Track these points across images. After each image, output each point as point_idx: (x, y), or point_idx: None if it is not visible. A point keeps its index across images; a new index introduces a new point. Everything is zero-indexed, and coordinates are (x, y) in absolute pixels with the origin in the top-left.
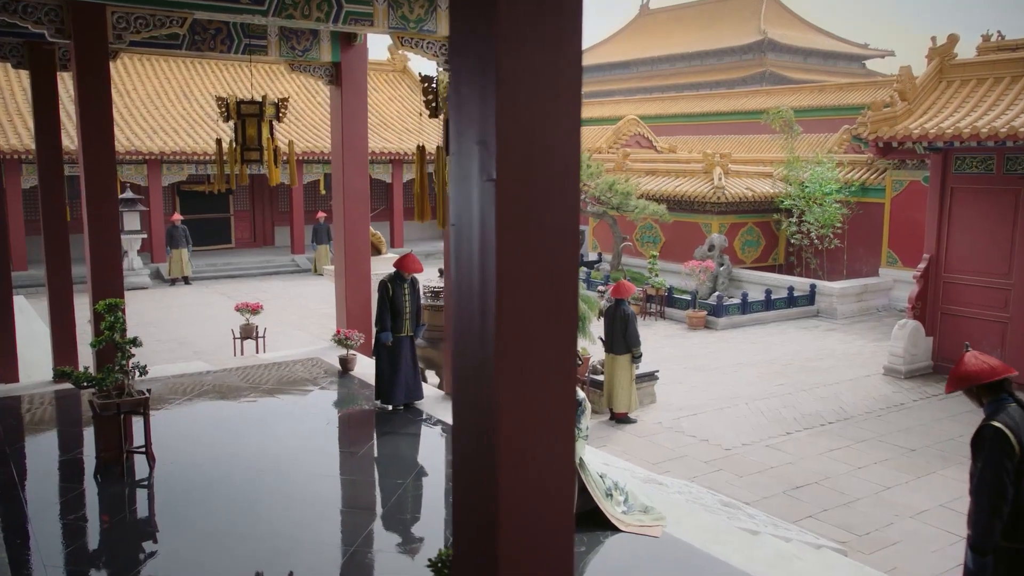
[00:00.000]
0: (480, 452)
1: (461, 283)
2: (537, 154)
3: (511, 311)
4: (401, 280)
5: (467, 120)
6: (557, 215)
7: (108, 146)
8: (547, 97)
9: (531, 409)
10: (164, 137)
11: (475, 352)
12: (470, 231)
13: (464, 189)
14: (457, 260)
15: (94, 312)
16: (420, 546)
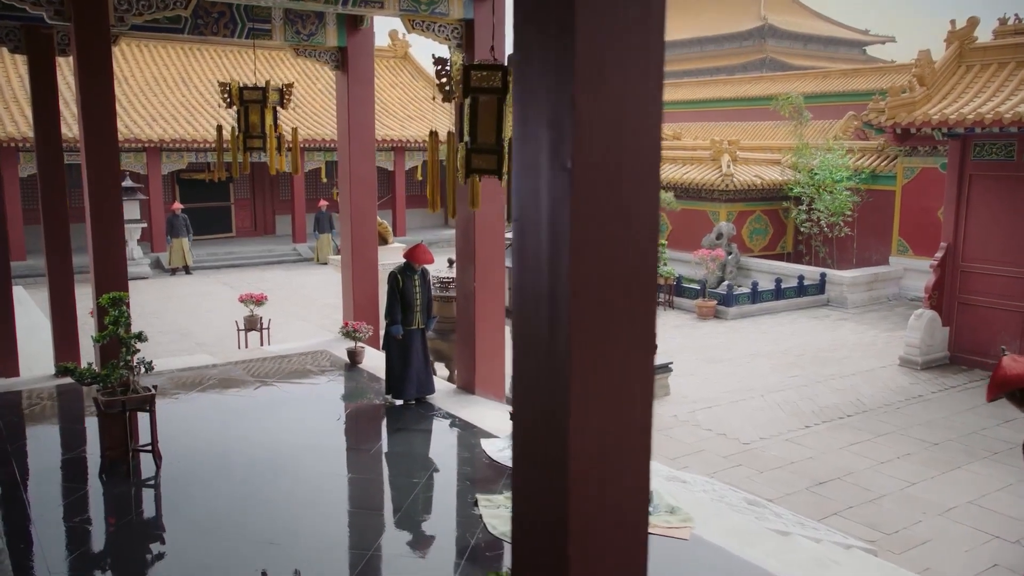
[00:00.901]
0: (547, 481)
1: (525, 284)
2: (618, 140)
3: (586, 316)
4: (411, 271)
5: (535, 101)
6: (638, 209)
7: (110, 134)
8: (630, 75)
9: (605, 427)
10: (163, 124)
11: (542, 361)
12: (536, 226)
13: (530, 179)
14: (521, 259)
15: (98, 306)
16: (440, 550)
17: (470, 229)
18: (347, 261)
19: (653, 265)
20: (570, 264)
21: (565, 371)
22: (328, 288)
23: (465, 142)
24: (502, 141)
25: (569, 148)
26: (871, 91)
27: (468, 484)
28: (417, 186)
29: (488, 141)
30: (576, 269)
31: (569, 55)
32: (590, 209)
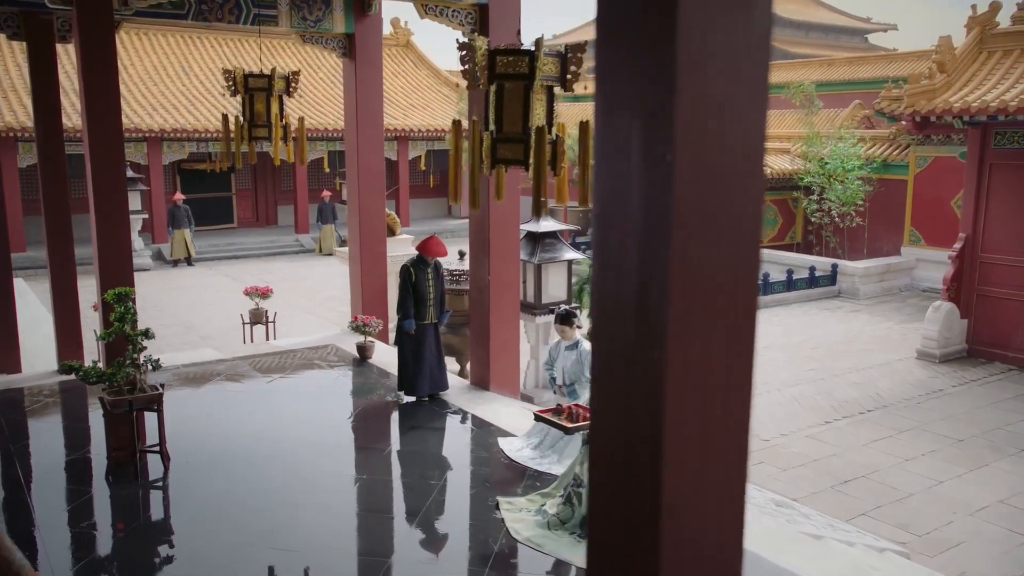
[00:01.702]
0: (635, 515)
1: (608, 284)
2: (721, 128)
3: (685, 324)
4: (424, 264)
5: (624, 84)
6: (742, 205)
7: (115, 123)
8: (736, 53)
9: (704, 453)
10: (164, 114)
11: (630, 369)
12: (624, 225)
13: (616, 173)
14: (603, 261)
15: (103, 302)
16: (462, 558)
17: (484, 220)
18: (355, 254)
19: (755, 267)
20: (668, 267)
21: (659, 388)
22: (333, 280)
23: (490, 131)
24: (528, 129)
25: (669, 137)
26: (877, 79)
27: (487, 486)
28: (420, 176)
29: (514, 130)
30: (676, 272)
31: (670, 31)
32: (692, 206)
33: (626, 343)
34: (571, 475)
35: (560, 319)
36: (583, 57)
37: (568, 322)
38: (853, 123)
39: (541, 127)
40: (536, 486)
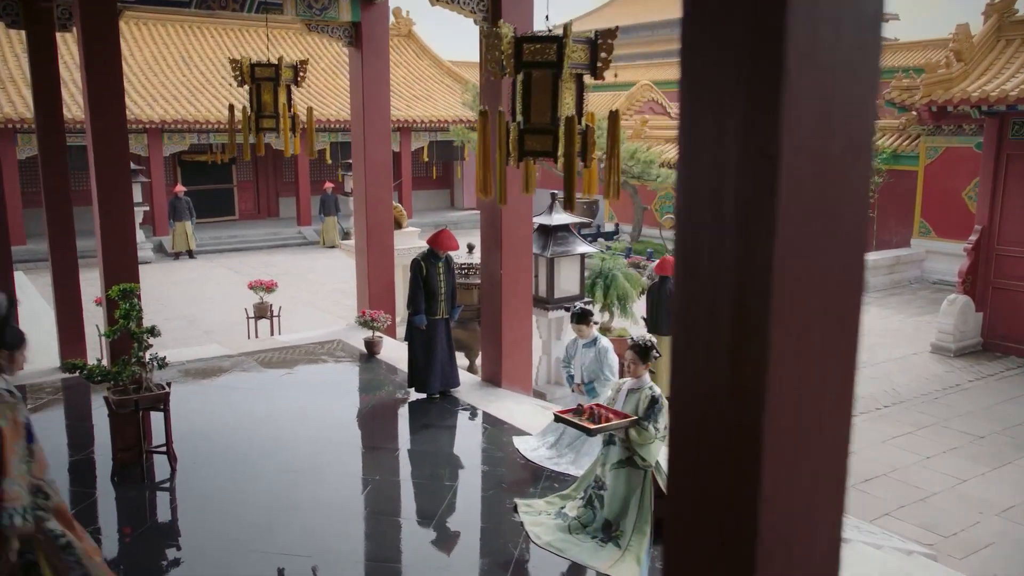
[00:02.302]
0: (724, 541)
1: (697, 288)
2: (828, 120)
3: (788, 334)
4: (435, 258)
5: (718, 71)
6: (849, 202)
7: (119, 114)
8: (845, 34)
9: (803, 478)
10: (164, 105)
11: (720, 382)
12: (718, 225)
13: (708, 169)
14: (689, 264)
15: (107, 299)
16: (481, 564)
17: (496, 213)
18: (362, 247)
19: (861, 271)
20: (770, 270)
21: (758, 405)
22: (337, 273)
23: (517, 122)
24: (557, 120)
25: (775, 131)
26: (882, 69)
27: (503, 487)
28: (423, 167)
29: (542, 120)
30: (779, 275)
31: (779, 9)
32: (797, 203)
33: (717, 354)
34: (591, 476)
35: (576, 318)
36: (614, 43)
37: (585, 321)
38: None
39: (570, 117)
40: (554, 487)
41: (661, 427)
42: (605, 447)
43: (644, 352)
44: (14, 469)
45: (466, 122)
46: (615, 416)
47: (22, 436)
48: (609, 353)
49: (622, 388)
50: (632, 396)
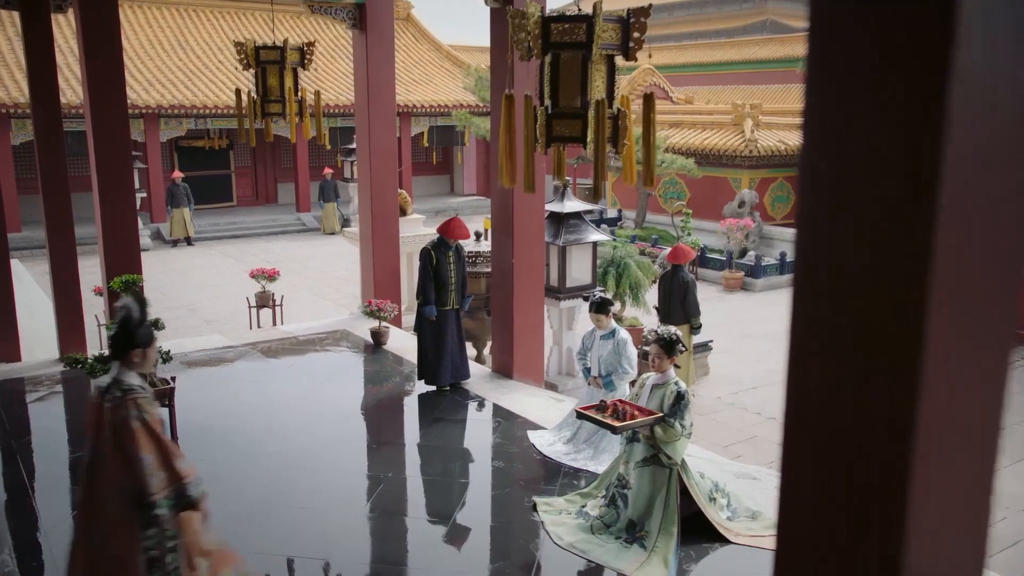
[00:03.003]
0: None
1: (827, 290)
2: (1000, 110)
3: (944, 340)
4: (446, 247)
5: (863, 51)
6: (1016, 205)
7: (119, 99)
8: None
9: (950, 507)
10: (161, 90)
11: (853, 399)
12: (858, 220)
13: (844, 158)
14: (822, 257)
15: (109, 291)
16: (500, 568)
17: (508, 200)
18: (366, 235)
19: (1015, 284)
20: (926, 275)
21: (907, 441)
22: (338, 260)
23: (545, 106)
24: (587, 104)
25: (937, 117)
26: None
27: (521, 484)
28: (423, 153)
29: (571, 104)
30: (939, 280)
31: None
32: (959, 203)
33: (848, 367)
34: (614, 474)
35: (595, 307)
36: (647, 22)
37: (604, 310)
38: None
39: (600, 100)
40: (573, 484)
41: (687, 424)
42: (628, 444)
43: (669, 346)
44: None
45: (468, 107)
46: (640, 413)
47: (160, 428)
48: (628, 345)
49: (646, 383)
50: (657, 392)
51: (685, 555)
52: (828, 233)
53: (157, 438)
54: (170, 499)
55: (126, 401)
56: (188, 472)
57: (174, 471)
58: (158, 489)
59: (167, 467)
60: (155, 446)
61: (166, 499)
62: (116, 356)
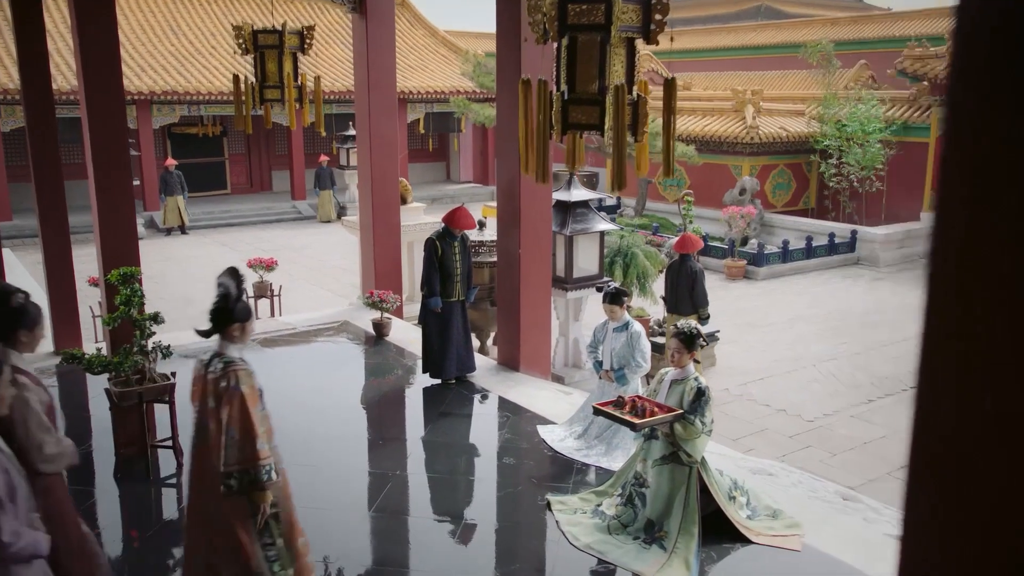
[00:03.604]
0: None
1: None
2: None
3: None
4: (451, 237)
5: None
6: None
7: (115, 84)
8: None
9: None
10: (153, 75)
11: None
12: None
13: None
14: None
15: (106, 283)
16: (516, 570)
17: (515, 189)
18: (367, 224)
19: None
20: None
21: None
22: (336, 249)
23: (561, 92)
24: (605, 89)
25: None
26: (882, 39)
27: (533, 482)
28: (419, 139)
29: (588, 89)
30: None
31: None
32: None
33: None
34: (631, 472)
35: (610, 298)
36: (670, 4)
37: (618, 301)
38: (858, 83)
39: (620, 86)
40: (587, 482)
41: (708, 421)
42: (646, 442)
43: (690, 340)
44: (260, 429)
45: (466, 93)
46: (659, 409)
47: (260, 401)
48: (642, 338)
49: (664, 379)
50: (676, 388)
51: (706, 556)
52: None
53: (247, 414)
54: (240, 476)
55: (228, 373)
56: (265, 455)
57: (252, 450)
58: (232, 462)
59: (247, 445)
60: (242, 422)
61: (237, 474)
62: (216, 330)
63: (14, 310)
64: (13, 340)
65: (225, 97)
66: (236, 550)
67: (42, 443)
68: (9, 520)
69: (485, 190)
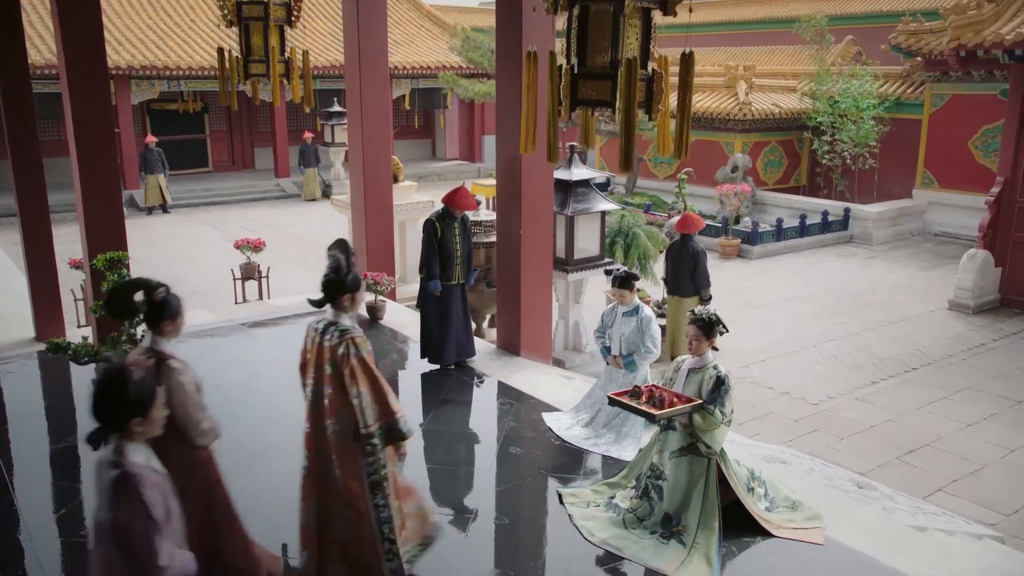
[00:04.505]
0: None
1: None
2: None
3: None
4: (451, 218)
5: None
6: None
7: (99, 58)
8: None
9: None
10: (131, 50)
11: None
12: None
13: None
14: None
15: (92, 269)
16: (529, 568)
17: (515, 168)
18: (359, 204)
19: None
20: None
21: None
22: (323, 228)
23: (571, 65)
24: (617, 63)
25: None
26: (869, 14)
27: (542, 473)
28: (404, 116)
29: (600, 63)
30: None
31: None
32: None
33: None
34: (645, 464)
35: (619, 282)
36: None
37: (628, 285)
38: (845, 59)
39: (632, 59)
40: (597, 472)
41: (728, 411)
42: (663, 433)
43: (708, 327)
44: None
45: (453, 68)
46: (678, 399)
47: (374, 365)
48: (652, 323)
49: (681, 367)
50: (694, 376)
51: (727, 551)
52: None
53: (372, 374)
54: (382, 431)
55: (344, 340)
56: (399, 408)
57: (387, 406)
58: (372, 421)
59: (380, 402)
60: (370, 382)
61: (379, 431)
62: (328, 301)
63: (158, 304)
64: (159, 329)
65: (206, 72)
66: (350, 511)
67: (199, 420)
68: (167, 544)
69: (471, 167)
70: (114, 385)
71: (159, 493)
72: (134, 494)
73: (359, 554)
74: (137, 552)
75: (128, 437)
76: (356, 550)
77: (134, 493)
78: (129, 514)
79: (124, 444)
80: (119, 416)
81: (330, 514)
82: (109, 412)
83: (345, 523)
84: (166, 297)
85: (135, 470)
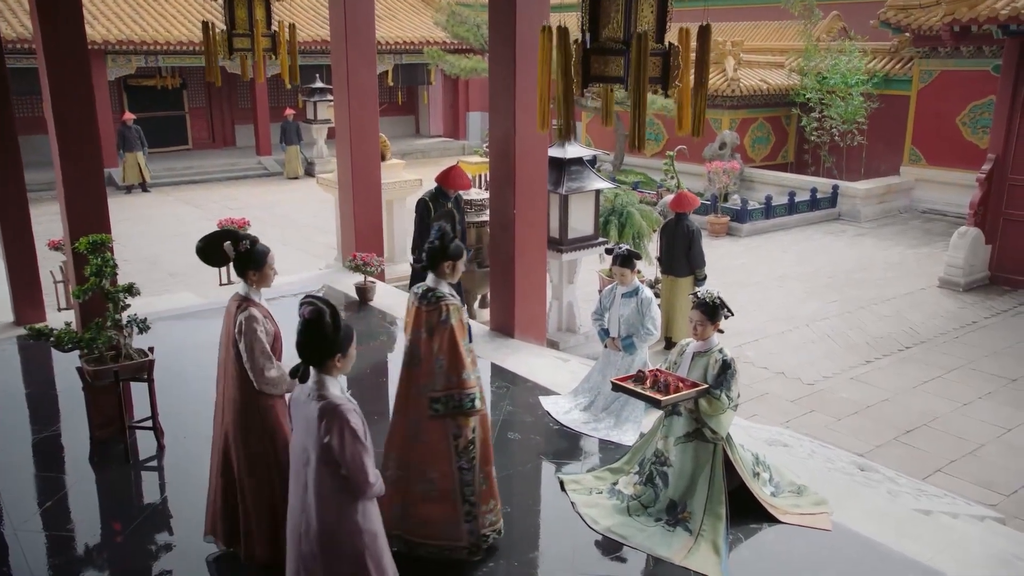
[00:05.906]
0: None
1: None
2: None
3: None
4: (444, 198)
5: None
6: None
7: (77, 30)
8: None
9: None
10: (106, 23)
11: None
12: None
13: None
14: None
15: (74, 252)
16: (534, 557)
17: (509, 145)
18: (346, 183)
19: None
20: None
21: None
22: (307, 206)
23: (584, 40)
24: (630, 37)
25: None
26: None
27: (542, 459)
28: (387, 92)
29: (613, 37)
30: None
31: None
32: None
33: None
34: (649, 449)
35: (620, 260)
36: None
37: (629, 264)
38: (829, 35)
39: (642, 33)
40: (598, 457)
41: (734, 396)
42: (667, 418)
43: (713, 311)
44: (467, 359)
45: (439, 44)
46: (683, 384)
47: (466, 334)
48: (652, 305)
49: (686, 351)
50: (699, 361)
51: (733, 537)
52: None
53: (456, 346)
54: (446, 400)
55: (440, 306)
56: (471, 384)
57: (459, 379)
58: (440, 388)
59: (454, 373)
60: (451, 352)
61: (444, 398)
62: (431, 267)
63: (243, 255)
64: (246, 277)
65: (185, 47)
66: (433, 470)
67: (264, 367)
68: (372, 461)
69: (456, 144)
70: (324, 322)
71: (360, 420)
72: (343, 421)
73: (440, 511)
74: (351, 471)
75: (327, 371)
76: (438, 508)
77: (342, 420)
78: (340, 439)
79: (323, 378)
80: (325, 352)
81: (410, 469)
82: (319, 347)
83: (428, 482)
84: (250, 248)
85: (338, 401)
